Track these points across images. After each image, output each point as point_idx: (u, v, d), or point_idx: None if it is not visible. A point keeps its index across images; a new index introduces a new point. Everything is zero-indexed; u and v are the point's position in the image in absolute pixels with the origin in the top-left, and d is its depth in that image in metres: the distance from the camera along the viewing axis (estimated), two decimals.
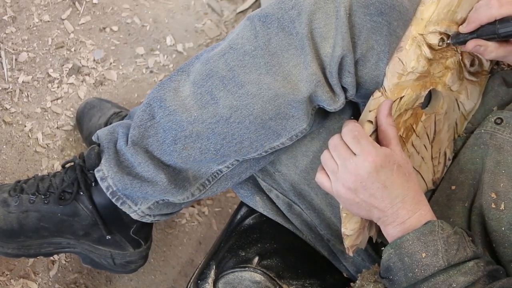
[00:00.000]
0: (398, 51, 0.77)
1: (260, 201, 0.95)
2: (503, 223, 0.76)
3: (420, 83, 0.79)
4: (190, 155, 0.82)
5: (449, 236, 0.68)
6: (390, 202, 0.72)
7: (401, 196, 0.71)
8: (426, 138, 0.84)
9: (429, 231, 0.69)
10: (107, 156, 0.85)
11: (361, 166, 0.71)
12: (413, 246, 0.68)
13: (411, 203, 0.72)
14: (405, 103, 0.79)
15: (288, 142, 0.82)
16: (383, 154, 0.72)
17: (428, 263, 0.67)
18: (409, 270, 0.68)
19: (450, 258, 0.67)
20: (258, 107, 0.78)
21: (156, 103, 0.83)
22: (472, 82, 0.86)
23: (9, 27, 1.22)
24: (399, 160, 0.73)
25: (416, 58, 0.76)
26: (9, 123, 1.16)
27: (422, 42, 0.77)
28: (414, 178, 0.73)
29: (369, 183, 0.71)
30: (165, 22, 1.41)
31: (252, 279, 0.86)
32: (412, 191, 0.72)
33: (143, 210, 0.87)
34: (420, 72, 0.78)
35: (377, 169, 0.71)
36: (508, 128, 0.82)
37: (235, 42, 0.79)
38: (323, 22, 0.75)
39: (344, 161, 0.73)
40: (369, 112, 0.77)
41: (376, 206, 0.72)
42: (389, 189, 0.71)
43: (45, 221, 0.91)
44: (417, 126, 0.83)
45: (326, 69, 0.77)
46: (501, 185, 0.78)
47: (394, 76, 0.77)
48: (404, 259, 0.68)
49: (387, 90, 0.77)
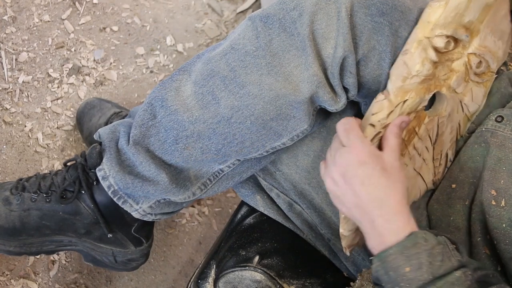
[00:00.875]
0: (403, 54, 0.76)
1: (260, 200, 0.96)
2: (503, 220, 0.76)
3: (425, 86, 0.79)
4: (191, 155, 0.82)
5: (433, 247, 0.66)
6: (368, 204, 0.70)
7: (378, 200, 0.69)
8: (428, 140, 0.84)
9: (412, 244, 0.66)
10: (109, 155, 0.85)
11: (344, 157, 0.71)
12: (396, 260, 0.66)
13: (388, 212, 0.69)
14: (408, 107, 0.78)
15: (289, 142, 0.83)
16: (368, 151, 0.70)
17: (412, 277, 0.65)
18: (395, 283, 0.66)
19: (435, 270, 0.65)
20: (259, 108, 0.78)
21: (157, 103, 0.83)
22: (477, 83, 0.85)
23: (9, 27, 1.22)
24: (387, 165, 0.71)
25: (421, 62, 0.76)
26: (9, 123, 1.16)
27: (428, 45, 0.76)
28: (399, 187, 0.70)
29: (349, 176, 0.70)
30: (165, 22, 1.41)
31: (253, 278, 0.86)
32: (393, 199, 0.69)
33: (145, 209, 0.88)
34: (425, 75, 0.77)
35: (359, 163, 0.70)
36: (509, 126, 0.82)
37: (237, 43, 0.79)
38: (325, 23, 0.76)
39: (334, 152, 0.73)
40: (372, 116, 0.76)
41: (355, 204, 0.71)
42: (367, 187, 0.69)
43: (46, 220, 0.91)
44: (420, 129, 0.82)
45: (327, 70, 0.77)
46: (502, 182, 0.78)
47: (398, 79, 0.76)
48: (390, 273, 0.67)
49: (391, 93, 0.76)
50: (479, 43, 0.81)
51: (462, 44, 0.80)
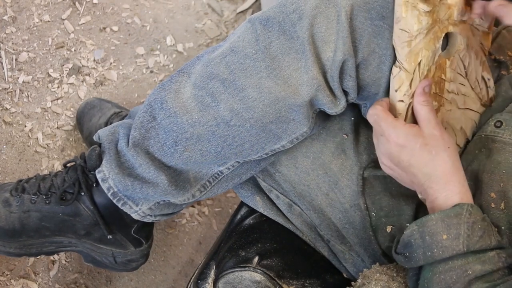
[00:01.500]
0: (396, 23, 0.75)
1: (260, 201, 0.96)
2: (503, 222, 0.76)
3: (431, 36, 0.77)
4: (191, 157, 0.82)
5: (475, 222, 0.68)
6: (420, 180, 0.73)
7: (428, 175, 0.72)
8: (459, 77, 0.83)
9: (455, 214, 0.68)
10: (108, 157, 0.85)
11: (385, 147, 0.75)
12: (436, 226, 0.68)
13: (438, 182, 0.72)
14: (426, 65, 0.78)
15: (288, 145, 0.83)
16: (403, 134, 0.73)
17: (447, 245, 0.67)
18: (428, 249, 0.68)
19: (471, 244, 0.66)
20: (259, 111, 0.78)
21: (157, 105, 0.83)
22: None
23: (9, 27, 1.22)
24: (426, 138, 0.73)
25: (417, 20, 0.75)
26: (9, 123, 1.16)
27: (415, 1, 0.75)
28: (444, 156, 0.72)
29: (396, 162, 0.74)
30: (165, 22, 1.41)
31: (252, 279, 0.86)
32: (440, 170, 0.72)
33: (144, 211, 0.88)
34: (426, 28, 0.76)
35: (399, 148, 0.73)
36: (508, 130, 0.82)
37: (236, 45, 0.79)
38: (324, 27, 0.76)
39: (377, 141, 0.78)
40: (396, 92, 0.76)
41: (411, 182, 0.75)
42: (414, 167, 0.73)
43: (46, 221, 0.91)
44: (446, 74, 0.82)
45: (327, 73, 0.77)
46: (501, 185, 0.78)
47: (403, 47, 0.75)
48: (425, 238, 0.69)
49: (403, 62, 0.76)
50: None
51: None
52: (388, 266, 0.84)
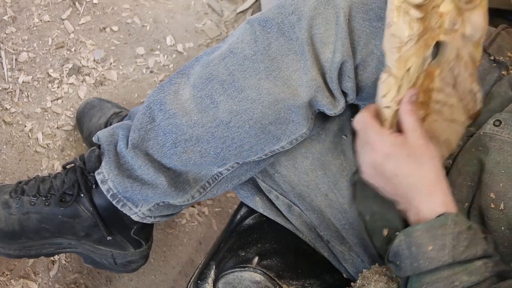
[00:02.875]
0: (388, 27, 0.74)
1: (260, 201, 0.96)
2: (502, 223, 0.76)
3: (421, 44, 0.76)
4: (190, 158, 0.82)
5: (461, 232, 0.67)
6: (403, 191, 0.72)
7: (412, 185, 0.71)
8: (447, 87, 0.82)
9: (440, 225, 0.68)
10: (107, 158, 0.85)
11: (369, 155, 0.73)
12: (421, 237, 0.68)
13: (422, 193, 0.71)
14: (414, 72, 0.76)
15: (288, 146, 0.83)
16: (389, 143, 0.72)
17: (433, 256, 0.67)
18: (415, 260, 0.68)
19: (456, 255, 0.66)
20: (258, 112, 0.78)
21: (156, 106, 0.83)
22: (472, 10, 0.82)
23: (9, 27, 1.22)
24: (411, 148, 0.72)
25: (408, 26, 0.73)
26: (9, 123, 1.16)
27: (408, 7, 0.73)
28: (429, 166, 0.72)
29: (380, 171, 0.73)
30: (165, 22, 1.41)
31: (252, 279, 0.86)
32: (425, 181, 0.71)
33: (144, 212, 0.88)
34: (417, 35, 0.75)
35: (384, 157, 0.72)
36: (507, 130, 0.81)
37: (235, 46, 0.79)
38: (323, 28, 0.76)
39: (361, 148, 0.76)
40: (383, 98, 0.75)
41: (394, 192, 0.73)
42: (398, 178, 0.72)
43: (46, 223, 0.91)
44: (435, 83, 0.81)
45: (326, 74, 0.77)
46: (501, 185, 0.78)
47: (393, 52, 0.74)
48: (412, 249, 0.68)
49: (392, 67, 0.75)
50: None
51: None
52: (388, 267, 0.84)
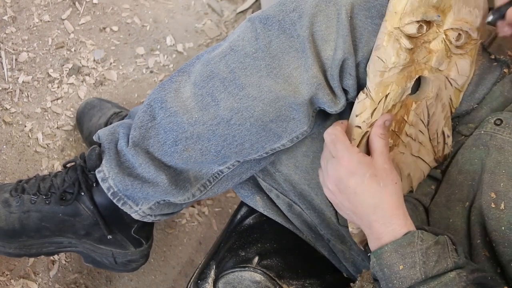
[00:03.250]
0: (376, 50, 0.75)
1: (260, 201, 0.96)
2: (503, 222, 0.76)
3: (405, 74, 0.77)
4: (191, 156, 0.82)
5: (428, 247, 0.67)
6: (363, 211, 0.72)
7: (372, 207, 0.71)
8: (420, 123, 0.83)
9: (408, 243, 0.68)
10: (108, 157, 0.85)
11: (334, 169, 0.74)
12: (391, 258, 0.68)
13: (383, 216, 0.71)
14: (391, 100, 0.77)
15: (289, 144, 0.83)
16: (356, 161, 0.72)
17: (405, 275, 0.66)
18: (389, 281, 0.68)
19: (428, 270, 0.66)
20: (259, 110, 0.78)
21: (157, 104, 0.83)
22: (461, 55, 0.83)
23: (9, 27, 1.22)
24: (376, 169, 0.72)
25: (396, 53, 0.74)
26: (9, 123, 1.16)
27: (400, 35, 0.74)
28: (391, 190, 0.72)
29: (343, 187, 0.73)
30: (165, 22, 1.41)
31: (252, 279, 0.86)
32: (386, 203, 0.71)
33: (144, 210, 0.88)
34: (402, 65, 0.76)
35: (348, 174, 0.72)
36: (508, 129, 0.81)
37: (236, 44, 0.79)
38: (324, 25, 0.76)
39: (326, 162, 0.76)
40: (356, 117, 0.76)
41: (353, 212, 0.73)
42: (360, 196, 0.72)
43: (46, 221, 0.91)
44: (409, 116, 0.82)
45: (327, 71, 0.77)
46: (501, 185, 0.78)
47: (376, 75, 0.75)
48: (384, 270, 0.68)
49: (371, 90, 0.76)
50: (454, 18, 0.79)
51: (436, 24, 0.78)
52: None
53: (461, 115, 0.89)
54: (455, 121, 0.90)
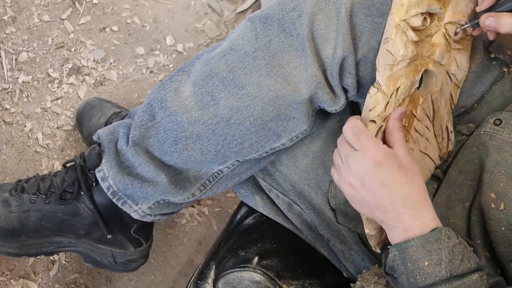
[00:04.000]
0: (384, 43, 0.75)
1: (260, 200, 0.96)
2: (502, 223, 0.76)
3: (412, 68, 0.78)
4: (190, 156, 0.82)
5: (454, 246, 0.67)
6: (391, 204, 0.70)
7: (401, 198, 0.70)
8: (426, 119, 0.84)
9: (435, 239, 0.67)
10: (108, 156, 0.85)
11: (360, 162, 0.71)
12: (416, 252, 0.67)
13: (413, 207, 0.70)
14: (402, 93, 0.78)
15: (288, 143, 0.82)
16: (383, 151, 0.71)
17: (430, 272, 0.66)
18: (411, 275, 0.67)
19: (453, 269, 0.66)
20: (259, 109, 0.78)
21: (156, 104, 0.83)
22: (459, 50, 0.84)
23: (9, 27, 1.22)
24: (401, 161, 0.71)
25: (404, 46, 0.75)
26: (9, 123, 1.16)
27: (407, 27, 0.75)
28: (418, 180, 0.71)
29: (368, 180, 0.71)
30: (165, 22, 1.41)
31: (252, 279, 0.86)
32: (415, 194, 0.70)
33: (144, 210, 0.88)
34: (410, 57, 0.76)
35: (376, 165, 0.70)
36: (507, 129, 0.81)
37: (236, 43, 0.79)
38: (324, 24, 0.76)
39: (346, 157, 0.73)
40: (370, 112, 0.76)
41: (377, 206, 0.71)
42: (388, 188, 0.70)
43: (46, 221, 0.91)
44: (417, 111, 0.82)
45: (327, 70, 0.77)
46: (501, 185, 0.77)
47: (386, 68, 0.75)
48: (407, 264, 0.68)
49: (382, 84, 0.76)
50: (452, 11, 0.80)
51: (437, 17, 0.79)
52: None
53: (460, 115, 0.89)
54: (455, 120, 0.90)
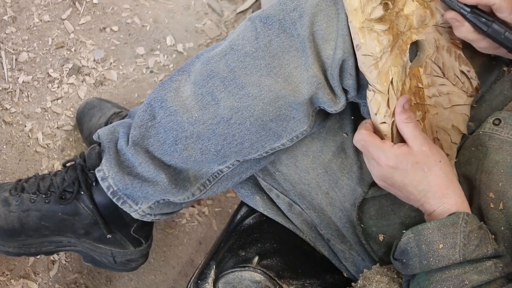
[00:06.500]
0: (358, 50, 0.75)
1: (260, 200, 0.96)
2: (502, 222, 0.76)
3: (396, 52, 0.77)
4: (190, 156, 0.82)
5: (471, 231, 0.68)
6: (414, 197, 0.74)
7: (423, 191, 0.73)
8: (437, 79, 0.83)
9: (451, 223, 0.69)
10: (108, 156, 0.85)
11: (377, 169, 0.75)
12: (432, 235, 0.69)
13: (434, 197, 0.72)
14: (398, 81, 0.78)
15: (288, 143, 0.83)
16: (393, 156, 0.73)
17: (443, 254, 0.68)
18: (424, 257, 0.69)
19: (467, 253, 0.67)
20: (259, 109, 0.78)
21: (157, 103, 0.83)
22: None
23: (9, 27, 1.22)
24: (416, 156, 0.73)
25: (377, 41, 0.75)
26: (9, 123, 1.16)
27: (370, 24, 0.75)
28: (437, 171, 0.73)
29: (390, 182, 0.75)
30: (165, 22, 1.41)
31: (252, 279, 0.86)
32: (434, 185, 0.73)
33: (144, 210, 0.88)
34: (389, 46, 0.76)
35: (391, 171, 0.73)
36: (506, 129, 0.82)
37: (236, 43, 0.79)
38: (325, 24, 0.76)
39: (368, 163, 0.78)
40: (376, 116, 0.76)
41: (407, 198, 0.76)
42: (408, 187, 0.73)
43: (46, 220, 0.91)
44: (422, 81, 0.82)
45: (327, 71, 0.77)
46: (500, 185, 0.78)
47: (371, 71, 0.75)
48: (422, 246, 0.69)
49: (375, 85, 0.76)
50: None
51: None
52: (389, 267, 0.84)
53: None
54: None
